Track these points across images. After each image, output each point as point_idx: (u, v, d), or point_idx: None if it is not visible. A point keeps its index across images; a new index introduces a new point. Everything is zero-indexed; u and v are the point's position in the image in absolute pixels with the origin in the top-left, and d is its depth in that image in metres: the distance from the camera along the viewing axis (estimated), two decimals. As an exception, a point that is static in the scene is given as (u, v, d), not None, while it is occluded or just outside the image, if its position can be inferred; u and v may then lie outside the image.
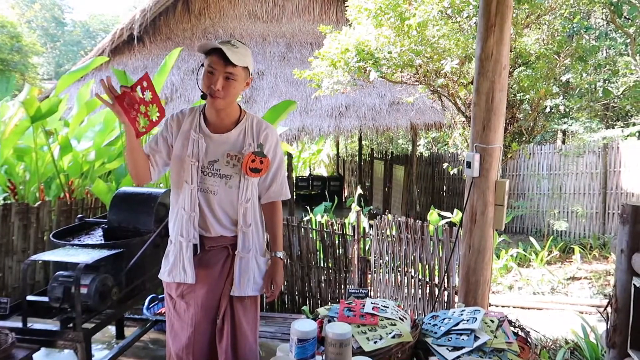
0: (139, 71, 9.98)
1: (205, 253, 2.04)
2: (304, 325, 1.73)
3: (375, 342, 1.86)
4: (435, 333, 2.01)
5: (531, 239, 8.04)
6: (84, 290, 2.41)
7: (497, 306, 5.62)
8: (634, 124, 9.87)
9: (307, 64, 7.81)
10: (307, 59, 8.19)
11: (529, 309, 5.64)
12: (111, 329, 3.73)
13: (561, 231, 8.95)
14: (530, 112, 6.89)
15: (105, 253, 2.56)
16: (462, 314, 2.11)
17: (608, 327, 1.66)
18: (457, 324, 2.02)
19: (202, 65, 1.97)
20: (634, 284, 1.50)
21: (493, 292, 6.12)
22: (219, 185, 2.02)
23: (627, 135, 8.87)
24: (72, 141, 5.26)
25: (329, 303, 5.05)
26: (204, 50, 1.94)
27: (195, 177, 2.00)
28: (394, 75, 6.64)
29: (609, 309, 1.67)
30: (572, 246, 7.89)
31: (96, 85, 9.29)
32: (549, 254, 7.45)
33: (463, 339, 1.92)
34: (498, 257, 6.99)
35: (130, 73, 9.22)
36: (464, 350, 1.85)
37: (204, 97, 1.95)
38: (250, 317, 2.09)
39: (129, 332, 3.55)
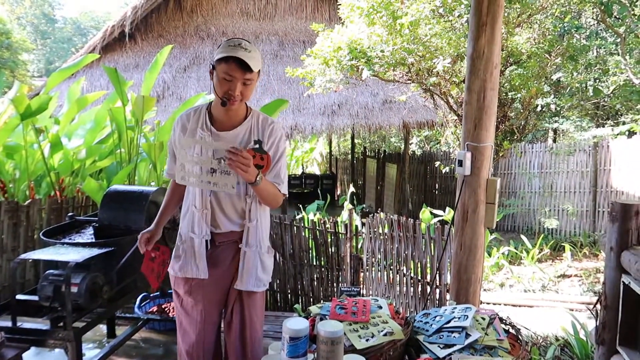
0: (131, 68, 9.92)
1: (215, 248, 2.10)
2: (295, 324, 1.73)
3: (367, 340, 1.87)
4: (427, 331, 2.02)
5: (522, 237, 8.09)
6: (74, 289, 2.40)
7: (488, 304, 5.65)
8: (623, 123, 9.96)
9: (300, 62, 7.80)
10: (299, 57, 8.18)
11: (520, 306, 5.67)
12: (102, 328, 3.71)
13: (552, 229, 9.00)
14: (521, 110, 6.93)
15: (95, 251, 2.55)
16: (453, 312, 2.12)
17: (597, 324, 1.67)
18: (448, 322, 2.03)
19: (213, 68, 1.95)
20: (622, 281, 1.52)
21: (484, 290, 6.16)
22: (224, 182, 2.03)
23: (617, 134, 8.95)
24: (63, 139, 5.21)
25: (321, 301, 5.05)
26: (220, 58, 1.90)
27: (202, 175, 2.01)
28: (387, 74, 6.64)
29: (598, 306, 1.69)
30: (562, 244, 7.94)
31: (87, 83, 9.23)
32: (539, 252, 7.50)
33: (454, 337, 1.93)
34: (489, 255, 7.03)
35: (121, 70, 9.16)
36: (455, 348, 1.86)
37: (224, 104, 1.94)
38: (258, 310, 2.16)
39: (120, 330, 3.53)
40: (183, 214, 2.12)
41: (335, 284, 5.12)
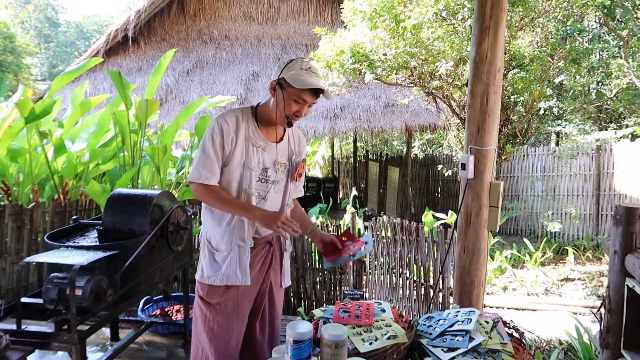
0: (134, 72, 9.96)
1: (251, 251, 2.14)
2: (299, 327, 1.73)
3: (370, 344, 1.87)
4: (430, 334, 2.02)
5: (525, 240, 8.08)
6: (78, 292, 2.40)
7: (491, 307, 5.64)
8: (626, 126, 9.94)
9: (302, 66, 7.80)
10: (302, 60, 8.19)
11: (523, 310, 5.66)
12: (106, 331, 3.72)
13: (555, 232, 8.99)
14: (524, 114, 6.93)
15: (100, 255, 2.55)
16: (457, 315, 2.11)
17: (601, 327, 1.67)
18: (452, 325, 2.03)
19: (281, 86, 2.01)
20: (627, 285, 1.52)
21: (487, 294, 6.14)
22: (269, 191, 2.14)
23: (620, 137, 8.93)
24: (67, 142, 5.23)
25: (324, 304, 5.05)
26: (303, 87, 1.95)
27: (254, 185, 2.08)
28: (389, 77, 6.65)
29: (602, 310, 1.69)
30: (565, 247, 7.93)
31: (90, 86, 9.27)
32: (542, 255, 7.48)
33: (458, 340, 1.93)
34: (492, 258, 7.02)
35: (124, 74, 9.19)
36: (458, 351, 1.86)
37: (290, 124, 2.06)
38: (282, 300, 2.38)
39: (124, 334, 3.54)
40: (225, 222, 2.09)
41: (338, 288, 5.12)
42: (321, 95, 2.03)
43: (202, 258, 2.15)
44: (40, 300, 2.49)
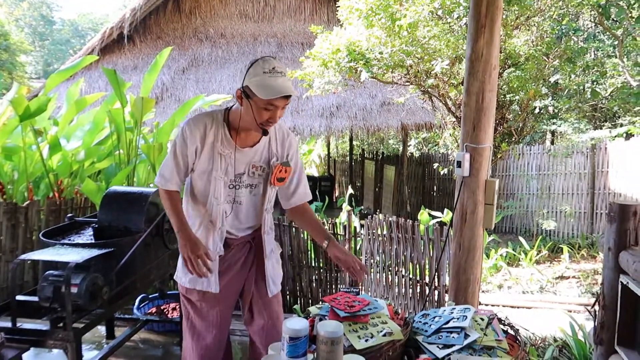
0: (129, 70, 9.93)
1: (228, 251, 2.09)
2: (295, 324, 1.74)
3: (366, 340, 1.87)
4: (426, 331, 2.03)
5: (520, 238, 8.10)
6: (74, 290, 2.39)
7: (486, 305, 5.65)
8: (621, 125, 10.00)
9: (299, 64, 7.81)
10: (298, 59, 8.19)
11: (518, 307, 5.68)
12: (101, 329, 3.71)
13: (550, 231, 9.03)
14: (519, 112, 6.95)
15: (95, 252, 2.54)
16: (452, 313, 2.12)
17: (596, 324, 1.68)
18: (447, 322, 2.03)
19: (246, 95, 1.85)
20: (620, 282, 1.53)
21: (483, 291, 6.16)
22: (244, 195, 2.06)
23: (615, 136, 8.98)
24: (62, 140, 5.21)
25: (320, 302, 5.05)
26: (269, 97, 1.78)
27: (224, 192, 2.00)
28: (385, 76, 6.66)
29: (596, 307, 1.70)
30: (560, 246, 7.95)
31: (85, 84, 9.23)
32: (537, 254, 7.51)
33: (453, 337, 1.93)
34: (488, 256, 7.04)
35: (120, 72, 9.15)
36: (454, 348, 1.87)
37: (265, 133, 1.92)
38: (281, 309, 2.28)
39: (119, 332, 3.53)
40: (195, 228, 2.05)
41: (334, 285, 5.13)
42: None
43: (179, 259, 2.12)
44: (35, 298, 2.48)
